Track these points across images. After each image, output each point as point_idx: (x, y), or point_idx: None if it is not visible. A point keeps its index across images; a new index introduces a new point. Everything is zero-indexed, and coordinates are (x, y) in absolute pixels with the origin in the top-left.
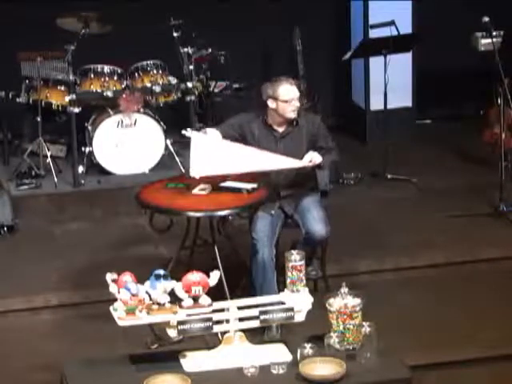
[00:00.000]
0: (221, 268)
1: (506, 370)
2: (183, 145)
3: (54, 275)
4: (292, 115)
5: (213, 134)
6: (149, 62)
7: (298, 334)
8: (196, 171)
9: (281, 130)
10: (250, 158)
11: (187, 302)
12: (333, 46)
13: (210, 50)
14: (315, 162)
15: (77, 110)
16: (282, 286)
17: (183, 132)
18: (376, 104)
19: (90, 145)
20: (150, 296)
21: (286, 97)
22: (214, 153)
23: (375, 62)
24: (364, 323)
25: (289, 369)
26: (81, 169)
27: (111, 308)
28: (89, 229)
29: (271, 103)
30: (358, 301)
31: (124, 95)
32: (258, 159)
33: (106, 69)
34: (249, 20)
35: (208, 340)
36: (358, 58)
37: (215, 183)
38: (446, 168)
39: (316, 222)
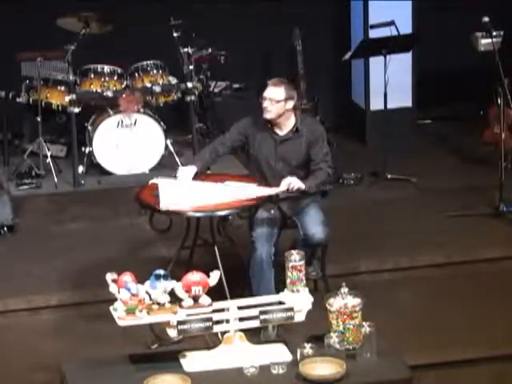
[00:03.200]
0: (221, 268)
1: (506, 370)
2: (183, 145)
3: (54, 275)
4: (264, 114)
5: (186, 172)
6: (149, 62)
7: (297, 334)
8: (165, 204)
9: (281, 133)
10: (221, 192)
11: (187, 302)
12: (333, 46)
13: (209, 50)
14: (293, 188)
15: (77, 109)
16: (282, 286)
17: (152, 181)
18: (376, 104)
19: (90, 145)
20: (150, 296)
21: (263, 93)
22: (182, 192)
23: (375, 62)
24: (364, 323)
25: (289, 369)
26: (81, 169)
27: (111, 308)
28: (89, 229)
29: None
30: (358, 301)
31: (124, 95)
32: (230, 192)
33: (106, 69)
34: (249, 20)
35: (208, 340)
36: (358, 58)
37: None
38: (446, 168)
39: (314, 224)
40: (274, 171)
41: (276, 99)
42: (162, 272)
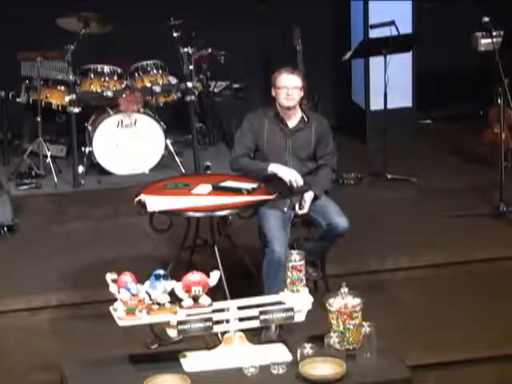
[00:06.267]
0: (221, 268)
1: (506, 370)
2: (183, 145)
3: (54, 275)
4: (285, 103)
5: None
6: (149, 62)
7: (297, 334)
8: (152, 207)
9: (291, 125)
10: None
11: (187, 301)
12: (333, 45)
13: (209, 50)
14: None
15: (77, 110)
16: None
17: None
18: (376, 104)
19: (90, 145)
20: (150, 296)
21: (280, 83)
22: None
23: (375, 62)
24: (364, 323)
25: (289, 369)
26: (81, 169)
27: (111, 308)
28: (89, 229)
29: (272, 91)
30: (358, 301)
31: (124, 95)
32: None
33: (106, 69)
34: (249, 20)
35: (208, 340)
36: (357, 58)
37: (215, 183)
38: (446, 168)
39: (338, 214)
40: (285, 166)
41: (299, 86)
42: (161, 272)
